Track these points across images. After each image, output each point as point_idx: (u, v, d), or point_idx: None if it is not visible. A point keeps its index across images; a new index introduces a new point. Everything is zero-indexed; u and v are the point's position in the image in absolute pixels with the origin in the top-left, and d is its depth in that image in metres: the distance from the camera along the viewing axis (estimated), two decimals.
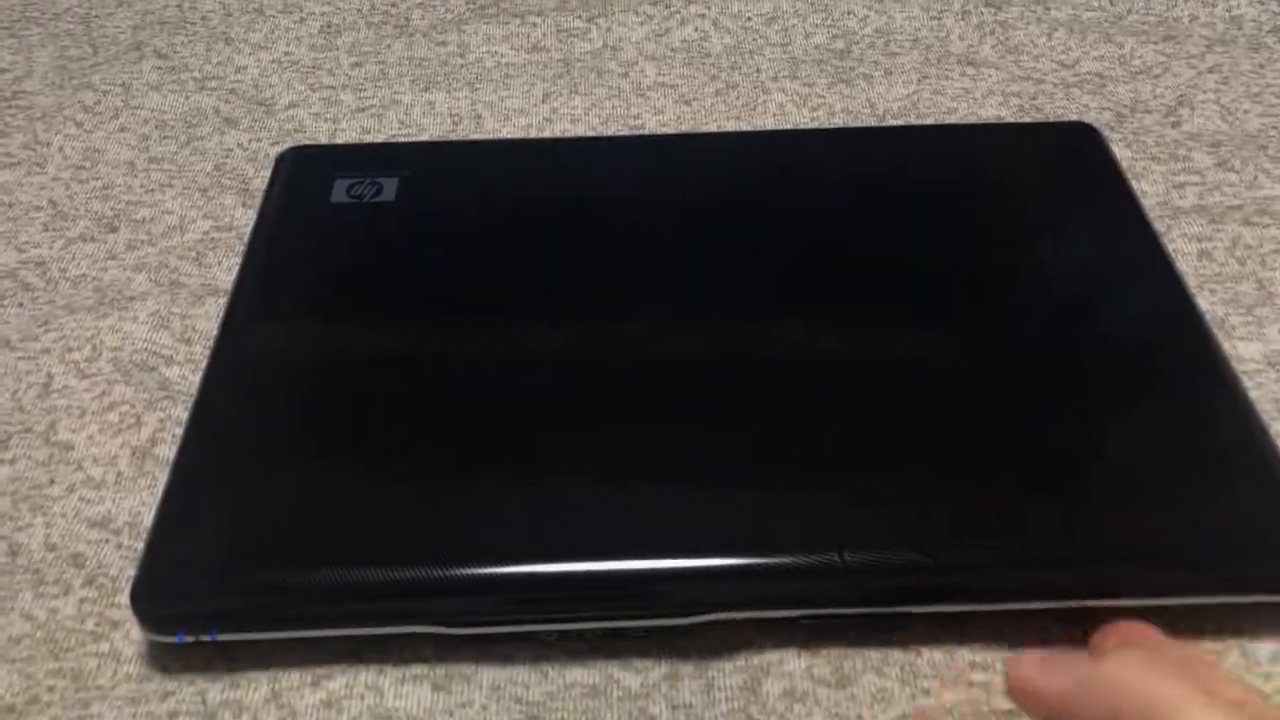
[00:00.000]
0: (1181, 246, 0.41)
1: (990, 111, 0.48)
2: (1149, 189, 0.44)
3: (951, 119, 0.48)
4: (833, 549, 0.30)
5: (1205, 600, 0.30)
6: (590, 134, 0.48)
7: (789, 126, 0.48)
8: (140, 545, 0.32)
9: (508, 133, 0.48)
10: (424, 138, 0.48)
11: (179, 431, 0.35)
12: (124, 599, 0.32)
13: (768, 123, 0.48)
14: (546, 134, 0.48)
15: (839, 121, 0.48)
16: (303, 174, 0.42)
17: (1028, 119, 0.47)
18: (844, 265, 0.38)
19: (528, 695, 0.30)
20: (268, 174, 0.43)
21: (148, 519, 0.33)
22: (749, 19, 0.54)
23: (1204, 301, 0.39)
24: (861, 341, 0.35)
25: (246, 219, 0.44)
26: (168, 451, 0.36)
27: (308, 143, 0.48)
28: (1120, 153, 0.45)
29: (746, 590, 0.30)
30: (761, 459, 0.32)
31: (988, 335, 0.35)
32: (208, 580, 0.30)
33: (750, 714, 0.29)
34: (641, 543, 0.30)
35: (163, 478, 0.34)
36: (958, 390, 0.34)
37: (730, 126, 0.48)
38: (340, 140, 0.48)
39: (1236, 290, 0.40)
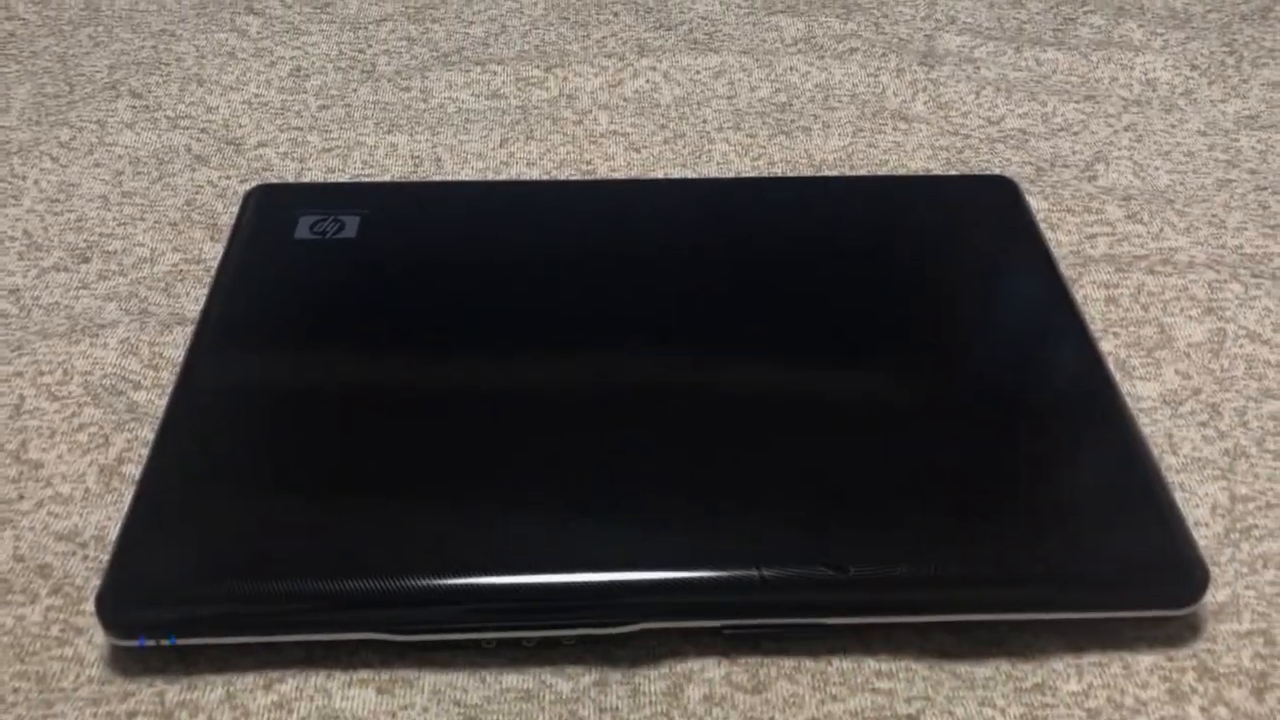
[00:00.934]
0: (1091, 292, 0.44)
1: (919, 164, 0.51)
2: (1063, 239, 0.47)
3: (883, 170, 0.51)
4: (752, 564, 0.32)
5: (1095, 615, 0.33)
6: (544, 178, 0.51)
7: (731, 174, 0.51)
8: (105, 557, 0.34)
9: (466, 175, 0.51)
10: (386, 178, 0.51)
11: (145, 451, 0.38)
12: (88, 607, 0.34)
13: (712, 170, 0.51)
14: (503, 177, 0.51)
15: (778, 170, 0.51)
16: (268, 210, 0.45)
17: (953, 171, 0.51)
18: (773, 304, 0.40)
19: (466, 699, 0.32)
20: (236, 210, 0.46)
21: (113, 533, 0.35)
22: (697, 72, 0.57)
23: (1108, 344, 0.42)
24: (784, 375, 0.38)
25: (215, 252, 0.46)
26: (134, 470, 0.38)
27: (274, 180, 0.50)
28: (1037, 204, 0.48)
29: (672, 602, 0.32)
30: (688, 482, 0.34)
31: (901, 371, 0.38)
32: (169, 588, 0.32)
33: (672, 717, 0.31)
34: (575, 558, 0.32)
35: (129, 494, 0.36)
36: (871, 422, 0.36)
37: (677, 173, 0.51)
38: (307, 179, 0.51)
39: (1139, 334, 0.43)
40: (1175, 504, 0.34)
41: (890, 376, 0.38)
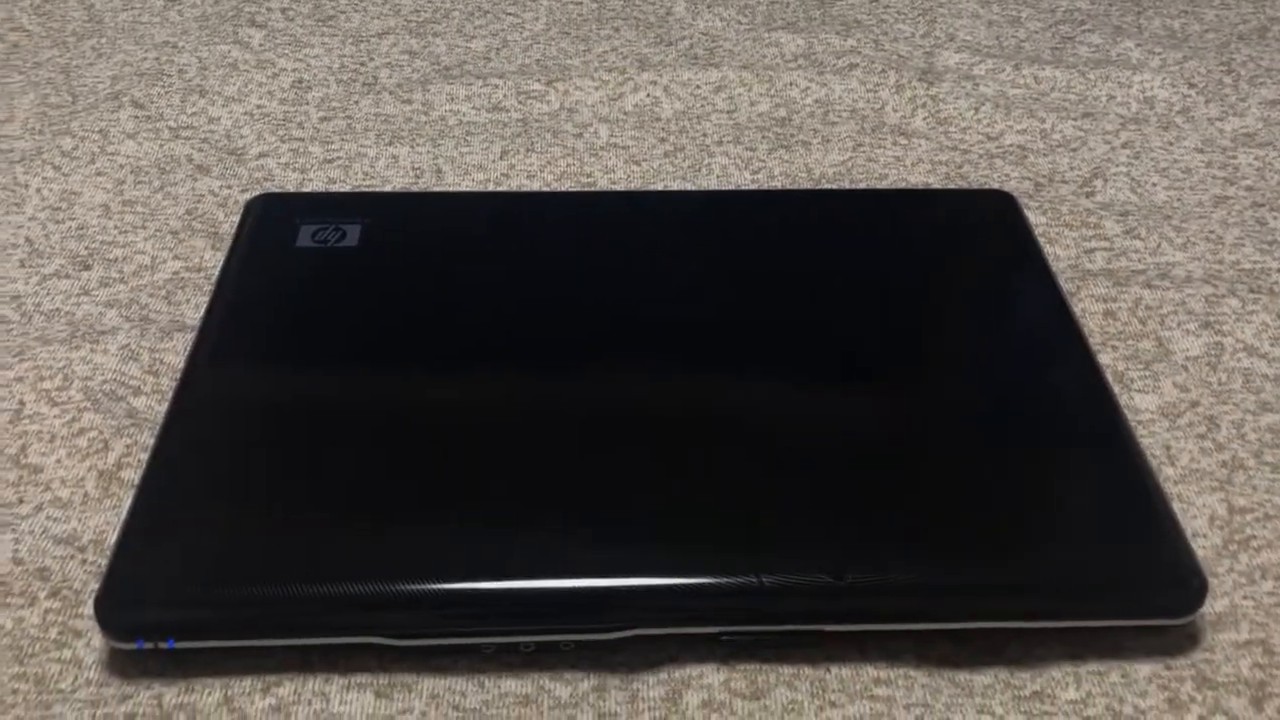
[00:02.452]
0: (1089, 306, 0.45)
1: (919, 178, 0.52)
2: (1061, 253, 0.47)
3: (882, 184, 0.51)
4: (751, 571, 0.32)
5: (1094, 624, 0.33)
6: (545, 189, 0.51)
7: (730, 187, 0.51)
8: (104, 561, 0.34)
9: (466, 186, 0.51)
10: (387, 189, 0.51)
11: (144, 457, 0.38)
12: (87, 610, 0.34)
13: (711, 183, 0.51)
14: (503, 189, 0.51)
15: (778, 184, 0.51)
16: (270, 219, 0.45)
17: (952, 186, 0.51)
18: (773, 316, 0.41)
19: (464, 703, 0.32)
20: (237, 219, 0.46)
21: (112, 537, 0.35)
22: (698, 87, 0.58)
23: (1106, 357, 0.42)
24: (784, 386, 0.38)
25: (215, 260, 0.46)
26: (133, 475, 0.38)
27: (276, 190, 0.50)
28: (1036, 219, 0.48)
29: (671, 608, 0.32)
30: (688, 489, 0.35)
31: (902, 382, 0.38)
32: (167, 591, 0.32)
33: None
34: (573, 563, 0.33)
35: (127, 499, 0.36)
36: (872, 433, 0.36)
37: (676, 186, 0.51)
38: (308, 189, 0.51)
39: (1137, 347, 0.43)
40: (1174, 514, 0.34)
41: (891, 387, 0.38)
